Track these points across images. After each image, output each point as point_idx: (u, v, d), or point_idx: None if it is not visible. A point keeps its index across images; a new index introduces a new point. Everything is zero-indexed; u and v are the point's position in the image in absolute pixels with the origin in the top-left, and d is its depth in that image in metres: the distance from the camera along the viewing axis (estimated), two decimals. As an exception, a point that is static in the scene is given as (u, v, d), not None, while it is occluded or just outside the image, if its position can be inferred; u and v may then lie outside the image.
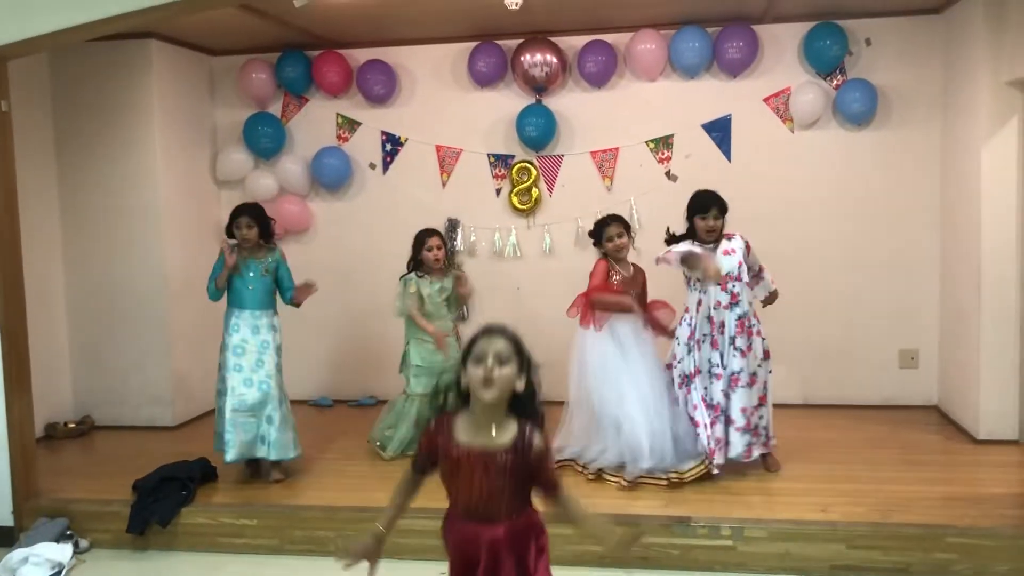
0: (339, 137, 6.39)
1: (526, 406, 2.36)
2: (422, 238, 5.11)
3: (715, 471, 4.44)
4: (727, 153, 5.95)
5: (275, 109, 6.44)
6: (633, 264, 4.87)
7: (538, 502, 2.43)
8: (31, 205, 5.68)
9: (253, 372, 4.74)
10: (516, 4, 4.81)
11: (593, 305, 4.71)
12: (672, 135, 6.00)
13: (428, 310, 5.06)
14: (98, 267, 5.94)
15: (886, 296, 5.85)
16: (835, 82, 5.78)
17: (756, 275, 4.66)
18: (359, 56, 6.26)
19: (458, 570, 2.43)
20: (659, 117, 6.00)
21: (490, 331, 2.36)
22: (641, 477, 4.47)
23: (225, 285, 4.79)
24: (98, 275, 5.94)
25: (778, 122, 5.89)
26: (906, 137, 5.75)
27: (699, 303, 4.51)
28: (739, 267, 4.46)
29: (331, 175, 6.29)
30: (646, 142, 6.03)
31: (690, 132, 5.98)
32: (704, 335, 4.49)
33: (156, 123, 5.83)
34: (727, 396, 4.46)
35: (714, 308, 4.46)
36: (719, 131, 5.95)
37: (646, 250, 5.99)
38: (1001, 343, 5.00)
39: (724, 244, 4.52)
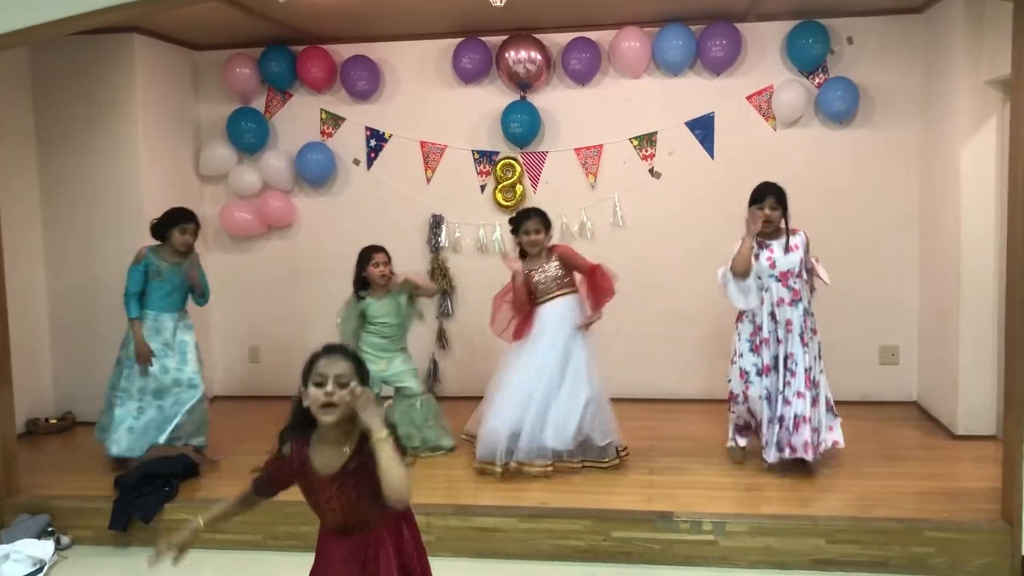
0: (323, 132, 6.38)
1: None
2: (367, 254, 4.97)
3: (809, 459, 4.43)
4: (710, 151, 5.98)
5: (259, 104, 6.42)
6: (549, 249, 4.76)
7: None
8: (12, 201, 5.64)
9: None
10: (500, 1, 4.81)
11: (513, 311, 4.77)
12: (656, 132, 6.02)
13: (372, 337, 5.01)
14: (80, 262, 5.91)
15: (866, 293, 5.90)
16: (817, 80, 5.82)
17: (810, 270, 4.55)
18: (343, 51, 6.25)
19: None
20: (643, 114, 6.02)
21: (330, 351, 2.36)
22: (524, 464, 4.54)
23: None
24: (80, 270, 5.91)
25: (761, 120, 5.93)
26: (887, 135, 5.80)
27: (762, 301, 4.47)
28: (800, 264, 4.45)
29: (315, 171, 6.28)
30: (630, 139, 6.06)
31: (674, 129, 6.00)
32: (770, 332, 4.46)
33: (139, 118, 5.79)
34: (800, 395, 4.40)
35: (776, 305, 4.45)
36: (702, 129, 5.98)
37: (632, 246, 6.05)
38: (980, 340, 5.06)
39: (791, 240, 4.47)
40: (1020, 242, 3.66)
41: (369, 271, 4.94)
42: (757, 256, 4.46)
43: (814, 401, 4.43)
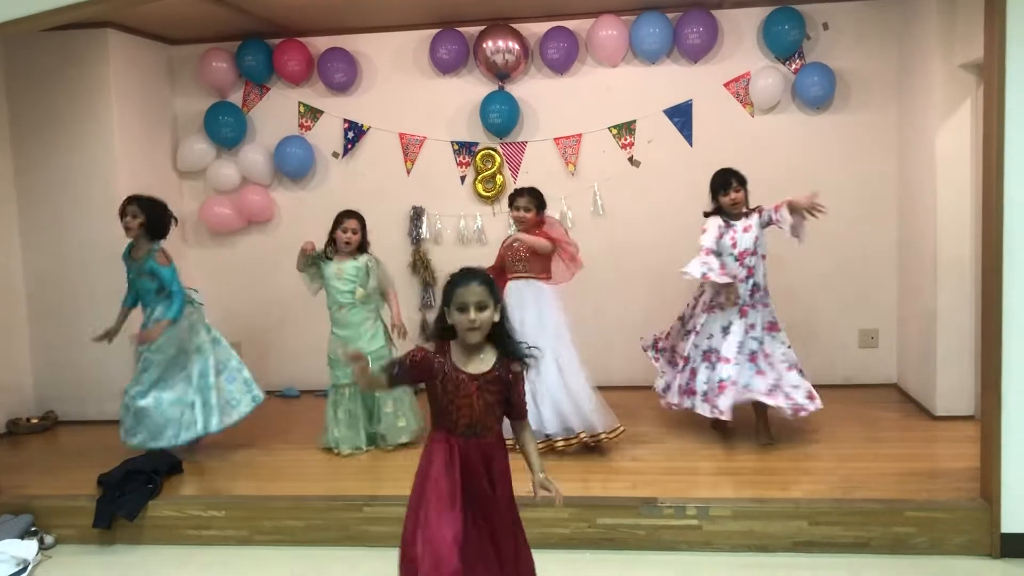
0: (301, 126, 6.35)
1: (502, 334, 2.73)
2: (339, 218, 5.03)
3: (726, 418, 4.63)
4: (689, 138, 6.00)
5: (236, 98, 6.38)
6: (531, 233, 4.88)
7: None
8: (-13, 199, 5.61)
9: None
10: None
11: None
12: (634, 121, 6.04)
13: (333, 295, 5.03)
14: (58, 260, 5.86)
15: (846, 277, 5.95)
16: (794, 66, 5.85)
17: (776, 221, 4.68)
18: (319, 44, 6.22)
19: (454, 479, 2.70)
20: (621, 103, 6.03)
21: (467, 278, 2.66)
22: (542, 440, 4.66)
23: None
24: (58, 268, 5.86)
25: (738, 107, 5.95)
26: (863, 120, 5.84)
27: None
28: (755, 242, 4.68)
29: (294, 164, 6.25)
30: (609, 128, 6.07)
31: (652, 118, 6.02)
32: (718, 304, 4.71)
33: (115, 114, 5.75)
34: (727, 361, 4.65)
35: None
36: (681, 116, 6.00)
37: (613, 235, 6.08)
38: (957, 322, 5.11)
39: (744, 221, 4.71)
40: (996, 224, 3.69)
41: (336, 235, 4.99)
42: (722, 236, 4.70)
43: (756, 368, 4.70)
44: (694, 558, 3.90)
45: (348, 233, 4.97)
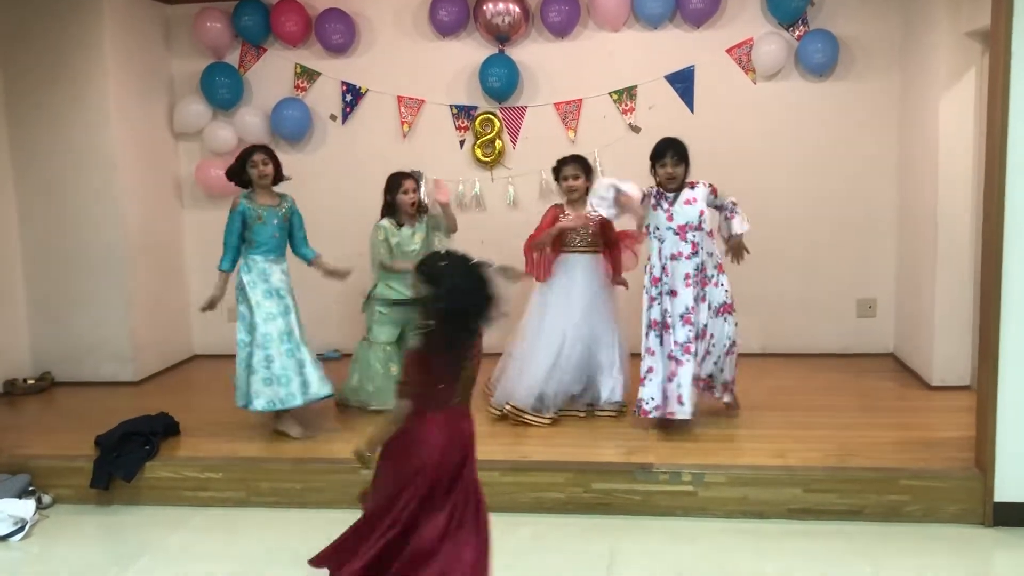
0: (297, 87, 6.28)
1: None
2: (397, 180, 4.89)
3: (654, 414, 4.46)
4: (690, 104, 5.95)
5: (232, 59, 6.31)
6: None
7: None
8: (-19, 158, 5.56)
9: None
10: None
11: (534, 250, 4.79)
12: (635, 86, 5.98)
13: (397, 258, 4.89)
14: (54, 221, 5.82)
15: (845, 246, 5.93)
16: (797, 33, 5.79)
17: (729, 212, 4.51)
18: (317, 4, 6.14)
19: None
20: (622, 68, 5.97)
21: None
22: (561, 410, 4.78)
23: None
24: (54, 229, 5.83)
25: (741, 73, 5.89)
26: (866, 88, 5.79)
27: (659, 252, 4.47)
28: (700, 216, 4.40)
29: (291, 127, 6.19)
30: (609, 93, 6.01)
31: (653, 83, 5.96)
32: (666, 284, 4.45)
33: (110, 74, 5.68)
34: (693, 347, 4.42)
35: (671, 258, 4.43)
36: (682, 82, 5.94)
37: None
38: (955, 293, 5.10)
39: (686, 193, 4.44)
40: (997, 195, 3.67)
41: (398, 199, 4.85)
42: (655, 207, 4.47)
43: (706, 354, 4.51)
44: (689, 523, 3.92)
45: (410, 194, 4.86)
